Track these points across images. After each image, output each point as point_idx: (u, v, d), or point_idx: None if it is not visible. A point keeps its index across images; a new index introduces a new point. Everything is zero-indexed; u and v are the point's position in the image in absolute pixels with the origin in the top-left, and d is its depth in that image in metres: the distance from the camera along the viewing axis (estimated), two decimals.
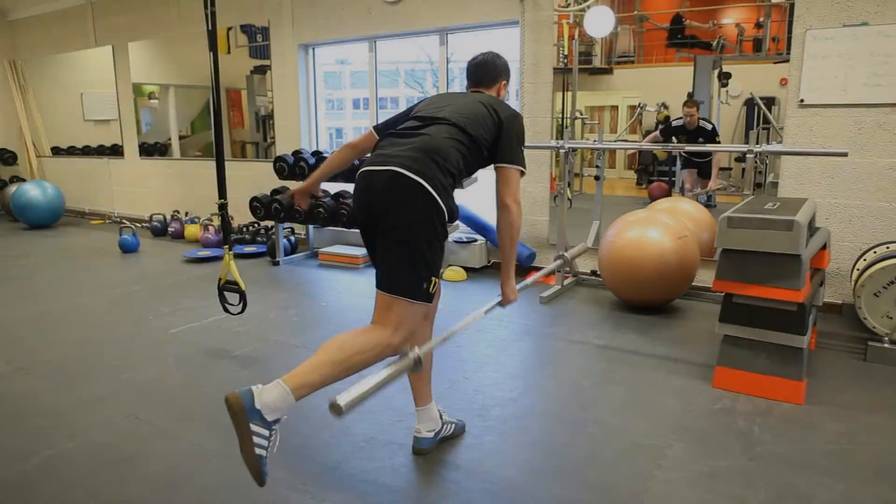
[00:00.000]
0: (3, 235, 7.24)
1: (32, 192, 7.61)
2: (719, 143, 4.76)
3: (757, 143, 3.80)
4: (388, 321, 1.92)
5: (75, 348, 3.46)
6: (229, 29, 6.58)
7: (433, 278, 1.94)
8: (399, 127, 2.14)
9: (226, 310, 3.51)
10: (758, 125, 4.66)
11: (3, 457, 2.31)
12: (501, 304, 2.27)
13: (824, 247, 3.27)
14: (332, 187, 5.61)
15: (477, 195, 4.82)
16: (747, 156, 3.76)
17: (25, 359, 3.30)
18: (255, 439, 1.68)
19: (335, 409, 1.68)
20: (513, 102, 5.18)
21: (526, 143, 4.53)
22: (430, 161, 1.94)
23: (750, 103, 4.74)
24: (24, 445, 2.39)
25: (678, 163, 5.26)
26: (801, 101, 3.90)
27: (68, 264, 5.72)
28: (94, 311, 4.17)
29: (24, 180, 8.52)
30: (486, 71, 2.36)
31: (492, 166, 2.17)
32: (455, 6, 5.13)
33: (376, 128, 2.35)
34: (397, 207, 1.89)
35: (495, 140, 2.12)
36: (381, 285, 1.97)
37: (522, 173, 2.14)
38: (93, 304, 4.33)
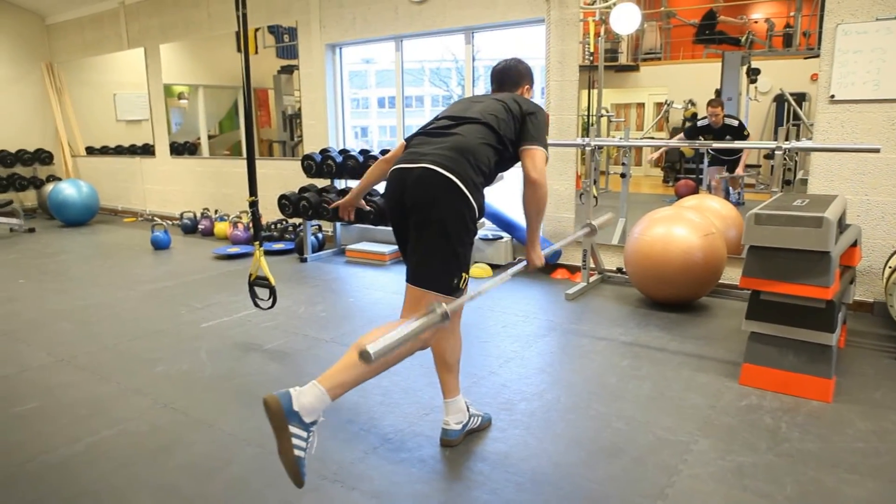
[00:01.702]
0: (40, 233, 7.46)
1: (68, 190, 7.82)
2: (748, 136, 4.69)
3: (786, 140, 3.76)
4: (418, 314, 1.96)
5: (112, 341, 3.57)
6: (257, 30, 6.68)
7: (463, 273, 1.99)
8: (431, 127, 2.19)
9: (256, 304, 3.59)
10: (788, 122, 4.60)
11: (48, 442, 2.40)
12: (527, 268, 2.26)
13: (855, 244, 3.24)
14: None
15: (502, 193, 4.85)
16: (776, 152, 3.73)
17: (66, 351, 3.41)
18: (294, 441, 1.74)
19: (364, 357, 1.61)
20: (538, 100, 5.19)
21: (552, 141, 4.54)
22: (462, 159, 1.99)
23: (780, 99, 4.68)
24: (67, 432, 2.48)
25: (705, 160, 5.22)
26: (832, 96, 3.85)
27: (103, 261, 5.88)
28: (129, 306, 4.29)
29: (59, 179, 8.76)
30: (510, 76, 2.42)
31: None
32: (481, 5, 5.16)
33: (408, 139, 2.40)
34: (430, 203, 1.94)
35: (520, 131, 2.16)
36: (411, 279, 2.01)
37: (547, 159, 2.17)
38: (127, 299, 4.46)
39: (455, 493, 2.07)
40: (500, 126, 2.12)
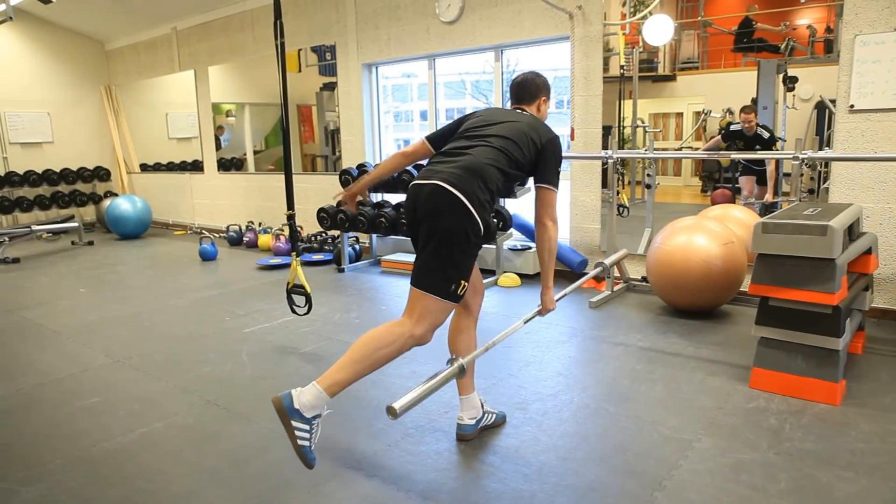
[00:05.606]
0: (99, 245, 7.97)
1: (124, 206, 8.33)
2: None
3: (803, 150, 3.83)
4: (413, 313, 2.20)
5: (163, 344, 3.88)
6: (300, 50, 7.05)
7: (462, 281, 2.18)
8: (448, 147, 2.39)
9: (293, 311, 3.85)
10: (829, 129, 4.61)
11: (107, 432, 2.69)
12: (540, 313, 2.53)
13: (869, 251, 3.29)
14: (393, 199, 5.92)
15: (531, 204, 5.01)
16: (793, 162, 3.81)
17: (122, 352, 3.73)
18: (297, 433, 2.01)
19: (391, 412, 1.98)
20: (564, 113, 5.35)
21: (577, 154, 4.74)
22: (470, 178, 2.19)
23: (821, 107, 4.69)
24: (123, 424, 2.77)
25: (739, 169, 5.24)
26: (852, 106, 3.91)
27: (155, 271, 6.28)
28: (178, 313, 4.62)
29: (116, 195, 9.31)
30: (527, 89, 2.60)
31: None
32: (508, 24, 5.36)
33: (429, 138, 2.57)
34: (436, 215, 2.16)
35: (535, 162, 2.37)
36: (414, 281, 2.23)
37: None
38: (176, 307, 4.79)
39: (466, 481, 2.25)
40: (514, 151, 2.31)
